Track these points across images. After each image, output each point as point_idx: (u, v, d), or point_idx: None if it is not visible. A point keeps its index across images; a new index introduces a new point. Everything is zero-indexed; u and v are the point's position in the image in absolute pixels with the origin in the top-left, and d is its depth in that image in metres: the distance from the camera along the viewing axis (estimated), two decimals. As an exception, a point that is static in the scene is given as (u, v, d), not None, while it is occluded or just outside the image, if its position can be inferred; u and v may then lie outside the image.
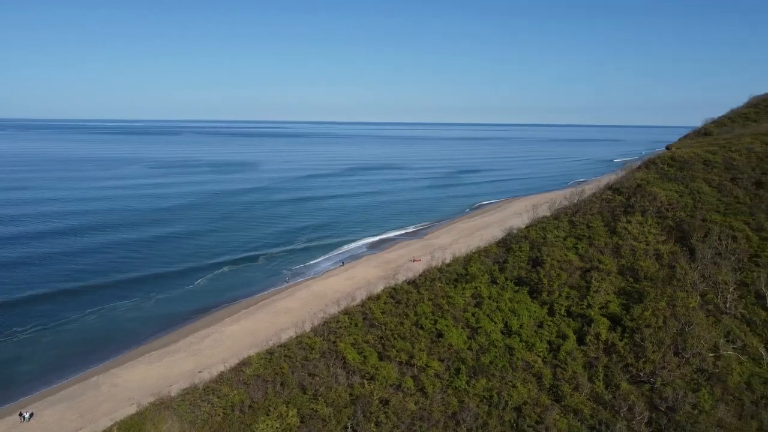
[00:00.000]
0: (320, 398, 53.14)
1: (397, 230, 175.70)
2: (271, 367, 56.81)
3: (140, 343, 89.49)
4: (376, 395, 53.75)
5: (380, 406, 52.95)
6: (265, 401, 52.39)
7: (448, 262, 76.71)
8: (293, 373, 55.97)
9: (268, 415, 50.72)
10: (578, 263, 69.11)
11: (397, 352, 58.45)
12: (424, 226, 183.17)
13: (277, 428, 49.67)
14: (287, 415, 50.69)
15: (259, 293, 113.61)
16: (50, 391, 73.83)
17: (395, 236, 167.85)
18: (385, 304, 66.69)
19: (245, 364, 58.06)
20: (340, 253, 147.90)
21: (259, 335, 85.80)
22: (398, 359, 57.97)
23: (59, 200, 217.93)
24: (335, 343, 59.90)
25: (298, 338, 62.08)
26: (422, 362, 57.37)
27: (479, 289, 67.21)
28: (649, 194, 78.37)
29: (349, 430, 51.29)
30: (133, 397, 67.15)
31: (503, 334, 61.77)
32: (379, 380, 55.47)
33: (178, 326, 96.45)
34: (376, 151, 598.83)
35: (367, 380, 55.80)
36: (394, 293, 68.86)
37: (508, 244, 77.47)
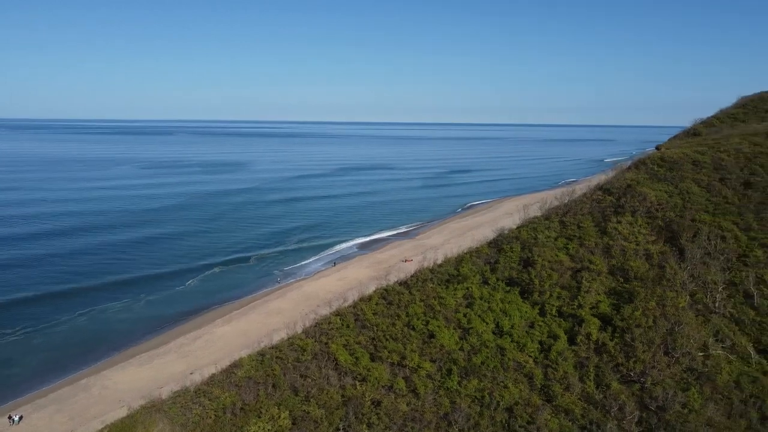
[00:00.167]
0: (312, 400, 53.08)
1: (388, 230, 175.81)
2: (262, 368, 56.64)
3: (131, 344, 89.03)
4: (368, 396, 53.77)
5: (372, 407, 52.97)
6: (256, 403, 52.24)
7: (439, 262, 76.75)
8: (285, 374, 55.85)
9: (259, 417, 50.59)
10: (569, 263, 69.43)
11: (388, 353, 58.47)
12: (415, 226, 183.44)
13: (268, 430, 49.55)
14: (279, 417, 50.59)
15: (250, 294, 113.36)
16: (40, 393, 73.32)
17: (387, 236, 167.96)
18: (376, 305, 66.65)
19: (237, 366, 57.84)
20: (331, 253, 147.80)
21: (250, 336, 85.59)
22: (390, 360, 58.00)
23: (48, 201, 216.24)
24: (327, 344, 59.82)
25: (289, 340, 61.93)
26: (414, 363, 57.44)
27: (471, 289, 67.35)
28: (639, 194, 78.87)
29: (341, 431, 51.28)
30: (123, 399, 66.84)
31: (495, 334, 61.94)
32: (371, 381, 55.47)
33: (168, 327, 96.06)
34: (370, 151, 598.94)
35: (359, 381, 55.79)
36: (385, 294, 68.85)
37: (499, 244, 77.67)
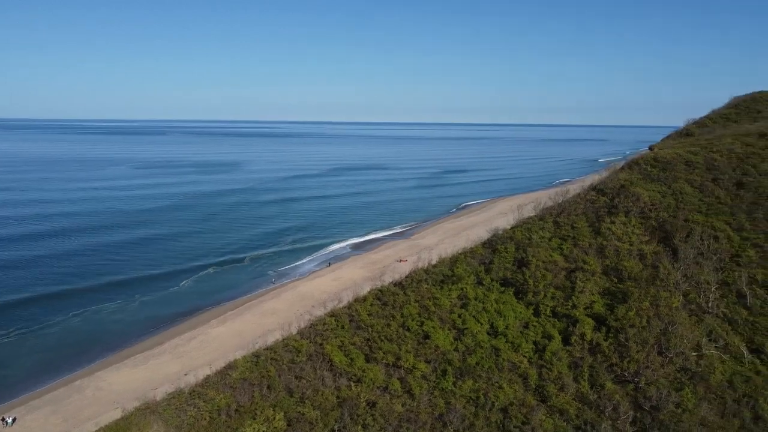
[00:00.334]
0: (307, 401, 53.10)
1: (383, 230, 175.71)
2: (257, 370, 56.62)
3: (125, 345, 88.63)
4: (363, 397, 53.83)
5: (367, 408, 53.04)
6: (251, 405, 52.23)
7: (434, 263, 76.89)
8: (280, 376, 55.85)
9: (254, 419, 50.57)
10: (563, 264, 69.70)
11: (383, 354, 58.55)
12: (410, 226, 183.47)
13: (263, 432, 49.58)
14: (274, 418, 50.58)
15: (245, 294, 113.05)
16: (34, 395, 72.88)
17: (382, 236, 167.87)
18: (371, 305, 66.73)
19: (231, 367, 57.79)
20: (326, 253, 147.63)
21: (245, 337, 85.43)
22: (385, 361, 58.09)
23: (42, 202, 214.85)
24: (322, 345, 59.85)
25: (284, 341, 61.92)
26: (409, 364, 57.53)
27: (465, 290, 67.50)
28: (632, 195, 79.25)
29: (336, 432, 51.33)
30: (118, 400, 66.51)
31: (489, 335, 62.12)
32: (366, 382, 55.54)
33: (163, 328, 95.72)
34: (367, 151, 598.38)
35: (354, 382, 55.85)
36: (380, 295, 68.94)
37: (493, 245, 77.86)
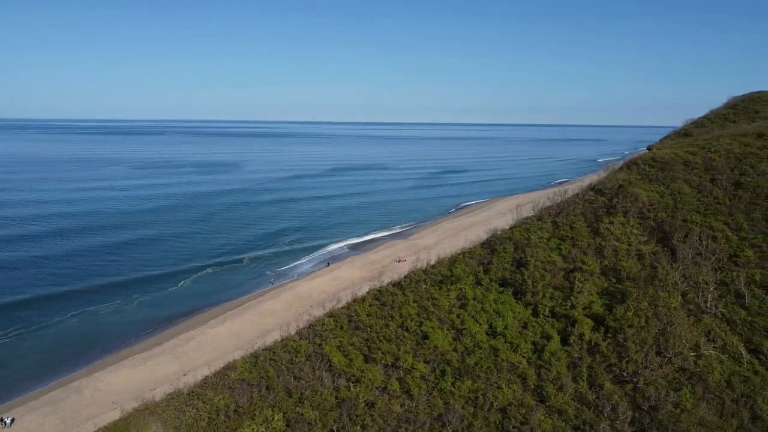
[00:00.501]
0: (306, 402, 53.07)
1: (382, 231, 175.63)
2: (256, 370, 56.57)
3: (123, 346, 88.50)
4: (361, 398, 53.82)
5: (366, 408, 53.02)
6: (250, 405, 52.20)
7: (433, 263, 76.90)
8: (278, 376, 55.82)
9: (253, 419, 50.54)
10: (562, 264, 69.74)
11: (382, 354, 58.53)
12: (409, 226, 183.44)
13: (262, 432, 49.53)
14: (273, 419, 50.55)
15: (243, 295, 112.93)
16: (32, 395, 72.73)
17: (380, 237, 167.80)
18: (370, 306, 66.73)
19: (230, 368, 57.75)
20: (325, 253, 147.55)
21: (244, 337, 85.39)
22: (384, 361, 58.07)
23: (40, 202, 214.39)
24: (320, 345, 59.83)
25: (283, 341, 61.90)
26: (408, 364, 57.52)
27: (464, 290, 67.52)
28: (630, 195, 79.33)
29: (334, 433, 51.30)
30: (116, 401, 66.44)
31: (488, 335, 62.13)
32: (364, 383, 55.51)
33: (161, 329, 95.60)
34: (366, 151, 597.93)
35: (352, 383, 55.82)
36: (379, 295, 68.94)
37: (492, 245, 77.90)
